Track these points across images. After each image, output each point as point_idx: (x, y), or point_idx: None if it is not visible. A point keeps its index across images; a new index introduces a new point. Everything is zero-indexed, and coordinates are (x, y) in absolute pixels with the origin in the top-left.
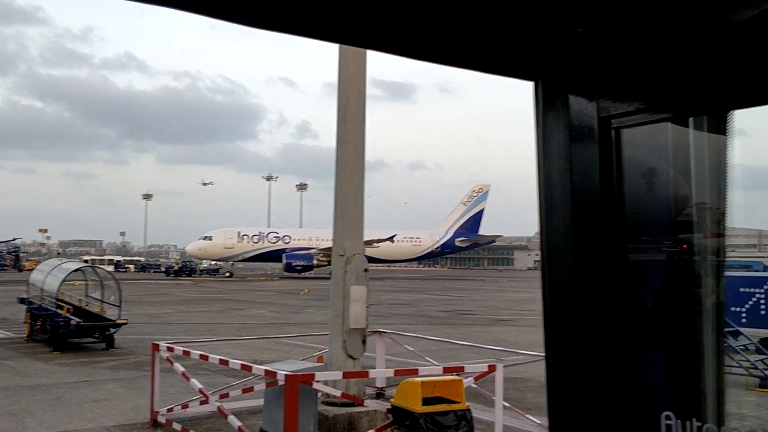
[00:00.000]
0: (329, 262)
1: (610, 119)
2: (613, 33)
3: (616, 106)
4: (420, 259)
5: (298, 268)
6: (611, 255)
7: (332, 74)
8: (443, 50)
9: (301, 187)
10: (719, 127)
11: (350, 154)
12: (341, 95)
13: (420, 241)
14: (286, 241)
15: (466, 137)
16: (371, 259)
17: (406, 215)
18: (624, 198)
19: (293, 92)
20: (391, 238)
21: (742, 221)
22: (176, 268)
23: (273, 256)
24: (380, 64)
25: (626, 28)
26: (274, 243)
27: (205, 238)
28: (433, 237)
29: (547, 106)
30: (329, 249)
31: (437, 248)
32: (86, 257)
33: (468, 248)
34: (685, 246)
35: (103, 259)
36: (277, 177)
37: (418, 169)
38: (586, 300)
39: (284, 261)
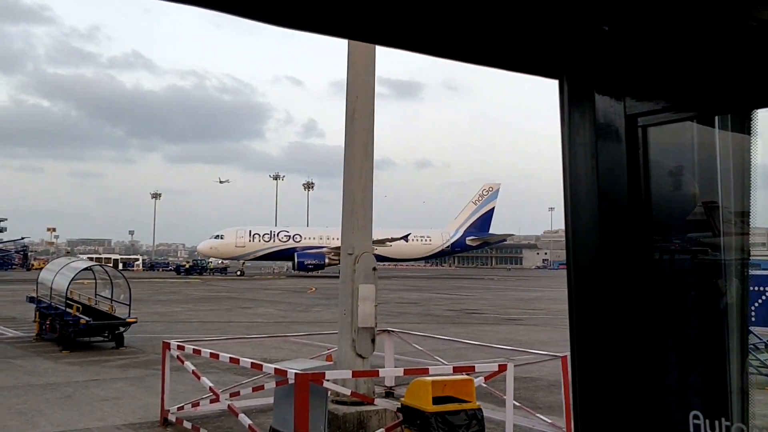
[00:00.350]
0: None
1: (637, 117)
2: (640, 31)
3: (643, 105)
4: (430, 258)
5: (310, 266)
6: (638, 253)
7: (338, 73)
8: (468, 48)
9: (308, 185)
10: (744, 125)
11: (359, 152)
12: (350, 94)
13: (430, 240)
14: (297, 240)
15: (473, 135)
16: (381, 258)
17: (413, 213)
18: (651, 196)
19: (300, 91)
20: (405, 237)
21: (766, 220)
22: (187, 266)
23: (284, 254)
24: (386, 63)
25: (652, 26)
26: (284, 242)
27: (217, 236)
28: (443, 236)
29: (573, 105)
30: (335, 248)
31: (447, 247)
32: (91, 256)
33: (478, 247)
34: (709, 244)
35: (101, 258)
36: (284, 176)
37: (425, 167)
38: (613, 299)
39: (296, 260)
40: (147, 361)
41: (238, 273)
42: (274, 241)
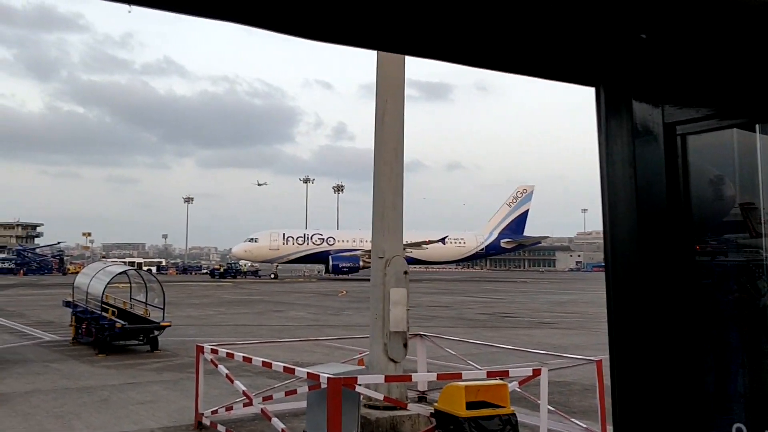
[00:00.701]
0: None
1: (676, 125)
2: (678, 38)
3: (682, 113)
4: (464, 260)
5: (345, 269)
6: (677, 259)
7: (368, 76)
8: (505, 58)
9: (338, 188)
10: None
11: (389, 155)
12: (379, 97)
13: (464, 243)
14: (330, 243)
15: (505, 136)
16: (415, 261)
17: (444, 216)
18: (690, 203)
19: (330, 94)
20: (442, 240)
21: None
22: (222, 270)
23: (317, 257)
24: (416, 65)
25: (691, 34)
26: (318, 245)
27: (251, 240)
28: (477, 238)
29: (610, 112)
30: (368, 251)
31: (482, 249)
32: (128, 260)
33: (513, 249)
34: (750, 250)
35: (125, 262)
36: (314, 179)
37: (456, 169)
38: (652, 304)
39: (330, 262)
40: (181, 365)
41: (272, 276)
42: (307, 244)
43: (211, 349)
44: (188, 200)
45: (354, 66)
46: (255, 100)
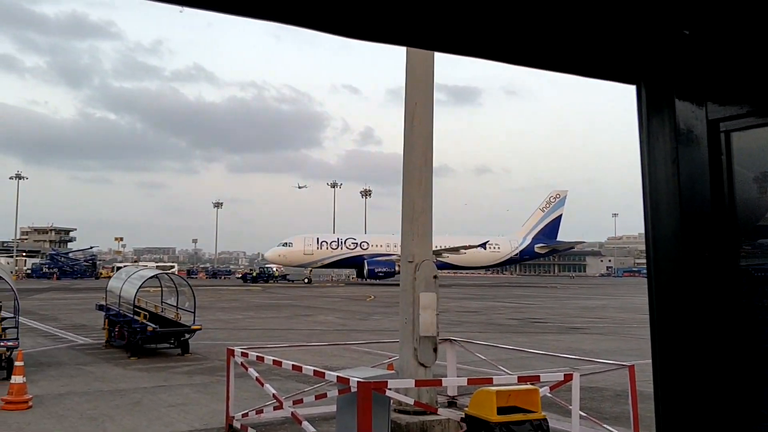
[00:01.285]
0: None
1: (719, 122)
2: (722, 34)
3: (726, 109)
4: (499, 265)
5: (380, 274)
6: (723, 261)
7: (395, 80)
8: (544, 55)
9: (366, 193)
10: None
11: (418, 159)
12: (409, 101)
13: (499, 248)
14: (364, 248)
15: (533, 140)
16: (451, 266)
17: (474, 221)
18: (735, 202)
19: (357, 99)
20: (483, 245)
21: None
22: (254, 274)
23: (351, 262)
24: (444, 69)
25: (736, 28)
26: (352, 249)
27: (285, 244)
28: (512, 243)
29: (652, 110)
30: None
31: (516, 255)
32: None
33: (547, 254)
34: None
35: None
36: (341, 184)
37: (484, 173)
38: (697, 308)
39: (366, 267)
40: (212, 368)
41: (306, 280)
42: (341, 248)
43: (242, 352)
44: (217, 205)
45: (381, 70)
46: (283, 105)
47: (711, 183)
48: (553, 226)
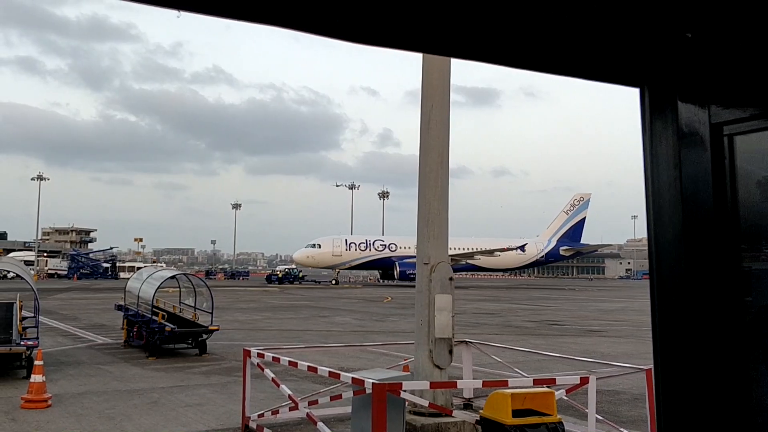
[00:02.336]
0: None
1: (723, 126)
2: (726, 36)
3: (730, 113)
4: (525, 267)
5: (412, 275)
6: (725, 265)
7: (414, 82)
8: (548, 59)
9: (383, 195)
10: None
11: (434, 161)
12: (425, 102)
13: (525, 250)
14: (393, 249)
15: (552, 142)
16: (478, 268)
17: (491, 222)
18: (738, 206)
19: (375, 101)
20: (522, 247)
21: None
22: (280, 275)
23: (380, 264)
24: (462, 71)
25: (738, 31)
26: (380, 251)
27: (313, 245)
28: (537, 246)
29: (655, 114)
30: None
31: (542, 257)
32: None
33: (571, 257)
34: None
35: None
36: (359, 185)
37: (502, 175)
38: (699, 312)
39: (398, 269)
40: (229, 368)
41: (333, 282)
42: (370, 250)
43: (258, 353)
44: (236, 206)
45: (399, 72)
46: (301, 107)
47: (714, 187)
48: (577, 228)
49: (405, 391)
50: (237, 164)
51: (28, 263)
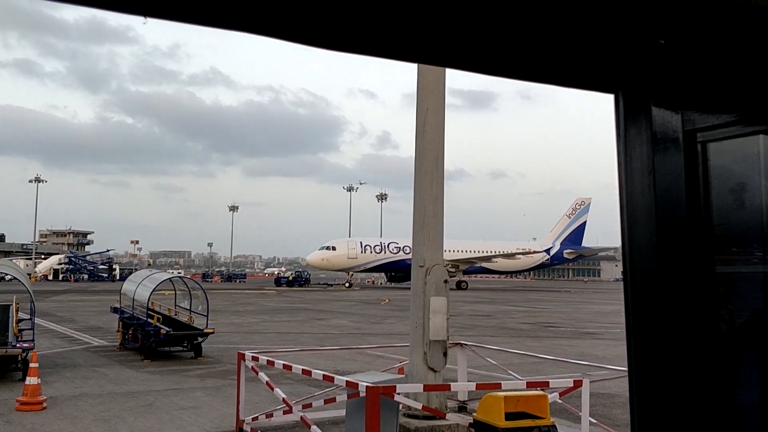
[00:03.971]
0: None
1: (696, 132)
2: (698, 43)
3: (703, 119)
4: (531, 270)
5: None
6: (698, 272)
7: (411, 85)
8: (522, 67)
9: (382, 197)
10: None
11: (429, 164)
12: (420, 106)
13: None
14: (407, 252)
15: (548, 145)
16: (486, 271)
17: (488, 226)
18: (711, 213)
19: (374, 104)
20: (547, 250)
21: None
22: (290, 278)
23: (395, 266)
24: (458, 74)
25: (712, 39)
26: (395, 253)
27: (327, 248)
28: (543, 248)
29: (629, 120)
30: (456, 261)
31: (547, 260)
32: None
33: (574, 260)
34: None
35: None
36: (357, 188)
37: (499, 177)
38: (673, 319)
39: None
40: (224, 371)
41: (347, 284)
42: (384, 252)
43: (252, 356)
44: (233, 209)
45: (397, 75)
46: (300, 109)
47: (687, 193)
48: (578, 232)
49: (399, 393)
50: (235, 166)
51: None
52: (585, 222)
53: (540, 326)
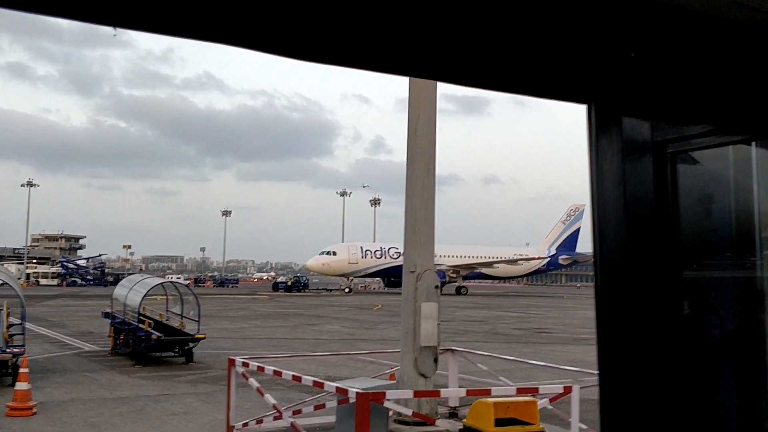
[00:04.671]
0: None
1: (666, 144)
2: (668, 56)
3: (673, 131)
4: (526, 276)
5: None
6: (667, 281)
7: (405, 90)
8: (497, 78)
9: (375, 202)
10: None
11: (421, 170)
12: (412, 111)
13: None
14: None
15: (542, 150)
16: (485, 276)
17: (481, 230)
18: (680, 222)
19: (368, 108)
20: (552, 257)
21: None
22: (289, 283)
23: (395, 271)
24: None
25: (682, 51)
26: (395, 258)
27: (328, 252)
28: (540, 254)
29: (601, 130)
30: (457, 266)
31: (543, 266)
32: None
33: (569, 266)
34: (744, 272)
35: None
36: (351, 192)
37: (492, 182)
38: (642, 325)
39: None
40: (215, 377)
41: (346, 290)
42: (385, 257)
43: (243, 362)
44: (226, 213)
45: (391, 80)
46: (293, 114)
47: (656, 203)
48: (573, 238)
49: (389, 400)
50: (228, 170)
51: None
52: (579, 228)
53: (533, 332)
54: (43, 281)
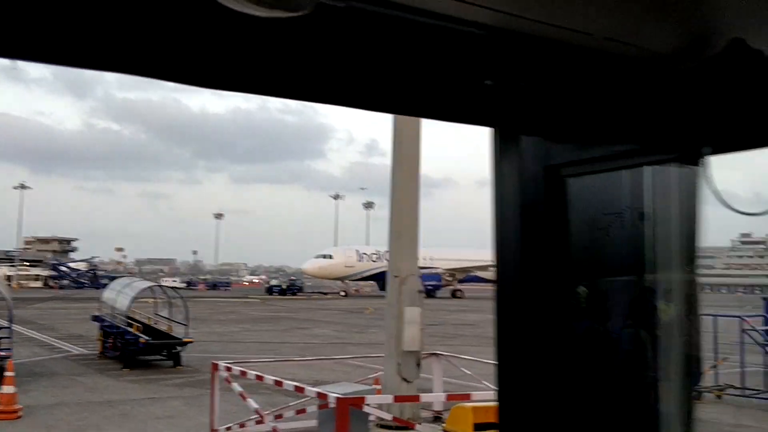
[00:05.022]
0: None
1: (560, 168)
2: (555, 87)
3: (566, 155)
4: None
5: (429, 288)
6: (559, 295)
7: None
8: (409, 103)
9: (368, 205)
10: (671, 174)
11: (405, 176)
12: (396, 118)
13: None
14: None
15: None
16: (482, 280)
17: (477, 234)
18: (570, 241)
19: (361, 111)
20: None
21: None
22: (284, 286)
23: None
24: None
25: (566, 82)
26: None
27: (325, 256)
28: None
29: (501, 153)
30: (452, 269)
31: None
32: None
33: None
34: (635, 288)
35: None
36: (344, 195)
37: (487, 186)
38: (534, 336)
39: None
40: (202, 381)
41: (342, 293)
42: (381, 261)
43: (226, 366)
44: (218, 216)
45: None
46: (287, 116)
47: (549, 223)
48: None
49: (368, 405)
50: (221, 173)
51: None
52: None
53: None
54: (30, 283)
